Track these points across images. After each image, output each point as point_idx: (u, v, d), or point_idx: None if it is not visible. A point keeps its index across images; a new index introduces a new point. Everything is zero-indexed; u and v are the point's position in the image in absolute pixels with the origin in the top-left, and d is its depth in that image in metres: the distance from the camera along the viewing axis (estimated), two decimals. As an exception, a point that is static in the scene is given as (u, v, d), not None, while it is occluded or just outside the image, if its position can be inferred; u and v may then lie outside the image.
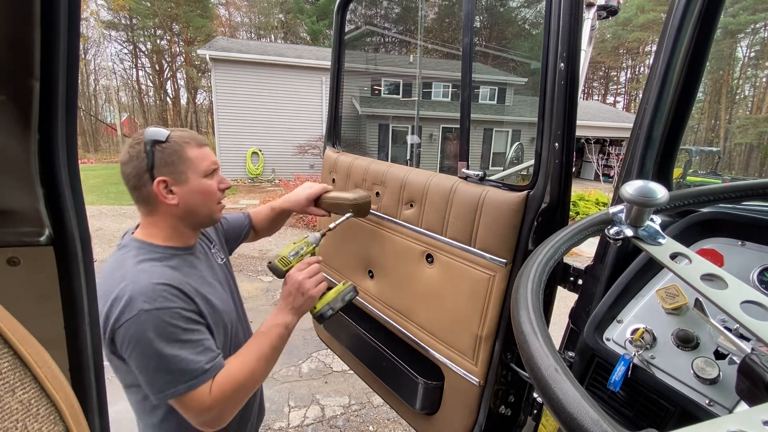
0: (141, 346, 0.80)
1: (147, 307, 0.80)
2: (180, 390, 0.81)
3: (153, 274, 0.85)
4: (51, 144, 0.59)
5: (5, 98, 0.53)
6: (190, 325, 0.86)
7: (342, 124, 1.72)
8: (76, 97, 0.60)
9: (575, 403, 0.32)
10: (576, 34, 0.83)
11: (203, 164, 0.93)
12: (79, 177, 0.65)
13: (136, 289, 0.81)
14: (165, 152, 0.88)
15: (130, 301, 0.80)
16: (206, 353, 0.86)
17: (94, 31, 25.76)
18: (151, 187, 0.88)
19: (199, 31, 25.99)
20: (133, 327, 0.79)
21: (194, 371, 0.82)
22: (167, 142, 0.88)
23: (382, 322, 1.41)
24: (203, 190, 0.93)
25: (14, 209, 0.60)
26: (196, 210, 0.94)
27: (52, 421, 0.31)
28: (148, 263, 0.88)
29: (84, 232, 0.67)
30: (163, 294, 0.83)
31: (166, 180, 0.88)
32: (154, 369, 0.81)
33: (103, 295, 0.82)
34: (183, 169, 0.90)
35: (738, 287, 0.47)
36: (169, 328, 0.81)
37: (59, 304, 0.66)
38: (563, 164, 0.90)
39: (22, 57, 0.52)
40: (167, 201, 0.90)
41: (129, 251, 0.90)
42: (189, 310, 0.86)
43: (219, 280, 1.04)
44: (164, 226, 0.94)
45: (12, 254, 0.61)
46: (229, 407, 0.87)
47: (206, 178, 0.94)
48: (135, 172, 0.88)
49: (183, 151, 0.90)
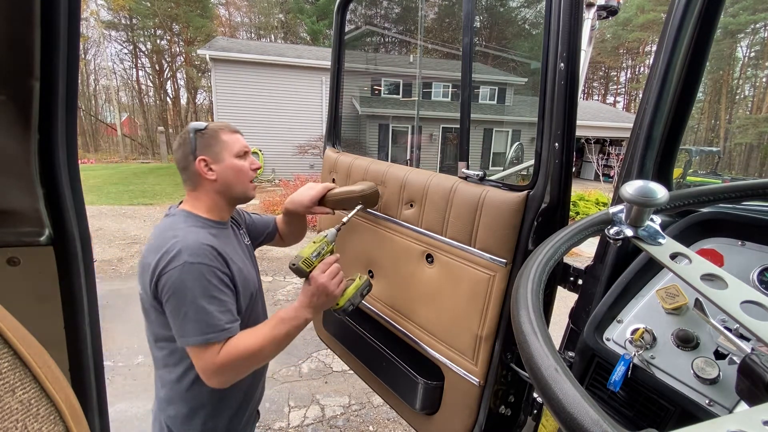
0: (179, 292, 0.93)
1: (191, 260, 0.94)
2: (198, 340, 0.93)
3: (199, 235, 0.99)
4: (51, 144, 0.59)
5: (5, 98, 0.53)
6: (222, 286, 0.99)
7: (342, 124, 1.72)
8: (76, 97, 0.60)
9: (575, 403, 0.32)
10: (576, 34, 0.83)
11: (236, 146, 1.10)
12: (79, 177, 0.65)
13: (185, 245, 0.95)
14: (204, 137, 1.07)
15: (179, 253, 0.94)
16: (228, 315, 0.98)
17: (94, 31, 25.78)
18: (195, 166, 1.06)
19: (199, 31, 25.98)
20: (176, 274, 0.93)
21: (215, 326, 0.94)
22: (206, 129, 1.08)
23: (382, 321, 1.41)
24: (237, 167, 1.10)
25: (14, 209, 0.60)
26: (231, 185, 1.10)
27: (52, 421, 0.31)
28: (195, 227, 1.03)
29: (84, 232, 0.67)
30: (206, 253, 0.96)
31: (205, 159, 1.06)
32: (184, 314, 0.93)
33: (155, 248, 0.97)
34: (219, 150, 1.07)
35: (738, 287, 0.47)
36: (205, 282, 0.95)
37: (59, 304, 0.66)
38: (563, 164, 0.90)
39: (22, 57, 0.52)
40: (208, 176, 1.07)
41: (178, 218, 1.06)
42: (223, 273, 1.00)
43: (246, 256, 1.19)
44: (206, 199, 1.10)
45: (12, 254, 0.61)
46: (231, 372, 0.98)
47: (239, 159, 1.10)
48: (183, 155, 1.08)
49: (218, 136, 1.08)
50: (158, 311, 0.99)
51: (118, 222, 7.83)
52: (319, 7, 27.76)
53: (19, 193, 0.59)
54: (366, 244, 1.43)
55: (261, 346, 0.98)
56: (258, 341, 0.98)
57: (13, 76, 0.53)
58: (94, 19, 24.25)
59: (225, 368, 0.95)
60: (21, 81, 0.53)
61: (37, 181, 0.60)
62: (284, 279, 5.25)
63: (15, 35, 0.51)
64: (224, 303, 0.98)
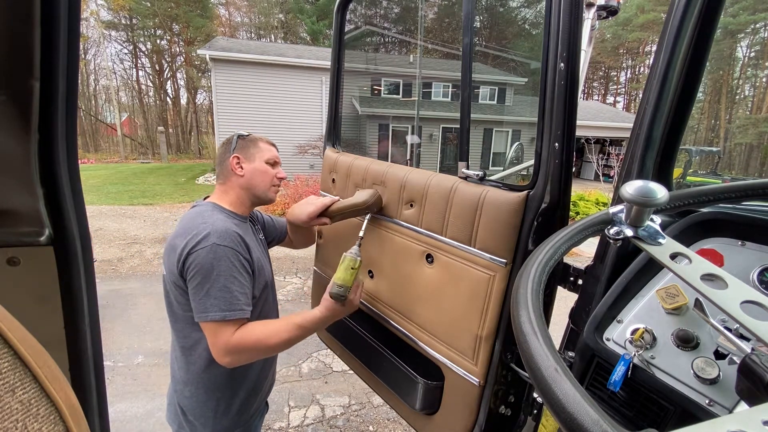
0: (205, 270, 1.02)
1: (219, 242, 1.04)
2: (217, 316, 1.01)
3: (227, 223, 1.10)
4: (51, 144, 0.59)
5: (5, 98, 0.53)
6: (243, 271, 1.09)
7: (342, 124, 1.72)
8: (76, 97, 0.60)
9: (575, 403, 0.32)
10: (576, 34, 0.83)
11: (268, 154, 1.26)
12: (79, 177, 0.65)
13: (215, 229, 1.06)
14: (245, 141, 1.24)
15: (208, 235, 1.04)
16: (245, 297, 1.08)
17: (94, 31, 25.77)
18: (229, 160, 1.21)
19: (199, 31, 25.98)
20: (204, 254, 1.02)
21: (234, 305, 1.03)
22: (248, 136, 1.26)
23: (382, 322, 1.41)
24: (264, 170, 1.24)
25: (14, 209, 0.60)
26: (255, 184, 1.23)
27: (52, 421, 0.31)
28: (222, 216, 1.14)
29: (84, 232, 0.67)
30: (233, 238, 1.07)
31: (239, 156, 1.22)
32: (207, 291, 1.02)
33: (185, 231, 1.06)
34: (253, 153, 1.23)
35: (738, 287, 0.47)
36: (230, 264, 1.04)
37: (59, 305, 0.66)
38: (563, 164, 0.90)
39: (22, 57, 0.52)
40: (237, 172, 1.21)
41: (206, 207, 1.16)
42: (245, 259, 1.11)
43: (261, 250, 1.30)
44: (232, 193, 1.23)
45: (12, 254, 0.61)
46: (240, 356, 1.06)
47: (268, 165, 1.25)
48: (223, 151, 1.24)
49: (256, 142, 1.25)
50: (181, 290, 1.08)
51: (118, 222, 7.83)
52: (319, 7, 27.75)
53: (19, 193, 0.59)
54: (366, 243, 1.43)
55: (274, 342, 1.07)
56: (272, 337, 1.07)
57: (13, 76, 0.52)
58: (94, 19, 24.26)
59: (236, 350, 1.03)
60: (21, 81, 0.53)
61: (37, 181, 0.59)
62: (284, 279, 5.25)
63: (15, 35, 0.50)
64: (244, 286, 1.08)
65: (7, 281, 0.62)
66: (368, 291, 1.45)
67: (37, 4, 0.50)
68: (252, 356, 1.10)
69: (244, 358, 1.07)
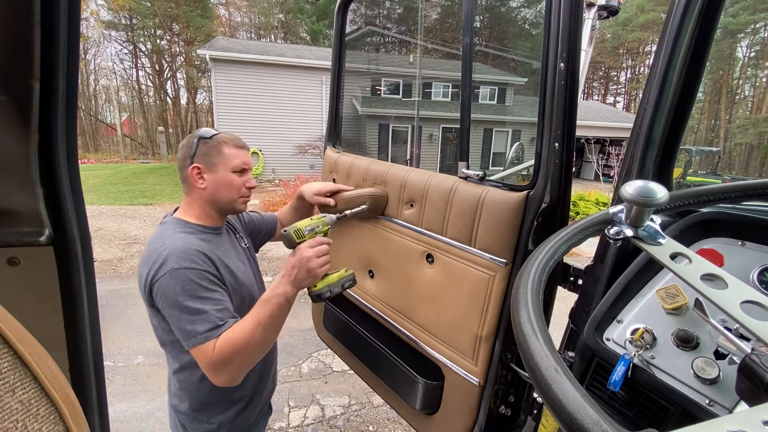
0: (170, 299, 0.95)
1: (177, 266, 0.96)
2: (199, 339, 0.94)
3: (186, 241, 1.02)
4: (51, 144, 0.59)
5: (5, 98, 0.53)
6: (213, 285, 1.00)
7: (342, 124, 1.72)
8: (76, 97, 0.60)
9: (575, 403, 0.32)
10: (576, 34, 0.83)
11: (235, 162, 1.10)
12: (79, 177, 0.65)
13: (172, 251, 0.97)
14: (207, 146, 1.08)
15: (165, 260, 0.96)
16: (224, 311, 0.99)
17: (94, 31, 25.78)
18: (188, 171, 1.08)
19: (199, 31, 25.98)
20: (164, 282, 0.95)
21: (209, 325, 0.95)
22: (211, 139, 1.08)
23: (382, 321, 1.41)
24: (228, 182, 1.10)
25: (14, 209, 0.60)
26: (219, 197, 1.11)
27: (52, 421, 0.31)
28: (183, 233, 1.05)
29: (84, 232, 0.67)
30: (192, 257, 0.98)
31: (199, 167, 1.07)
32: (178, 319, 0.95)
33: (146, 259, 0.99)
34: (215, 162, 1.08)
35: (738, 287, 0.47)
36: (194, 286, 0.96)
37: (59, 304, 0.66)
38: (563, 164, 0.90)
39: (22, 57, 0.52)
40: (197, 184, 1.08)
41: (168, 226, 1.08)
42: (212, 274, 1.01)
43: (242, 260, 1.20)
44: (196, 206, 1.12)
45: (12, 254, 0.61)
46: (229, 367, 0.96)
47: (234, 174, 1.11)
48: (182, 157, 1.09)
49: (221, 147, 1.09)
50: (158, 317, 1.03)
51: (118, 222, 7.83)
52: (319, 7, 27.75)
53: (19, 193, 0.59)
54: (366, 244, 1.43)
55: (248, 333, 0.96)
56: (244, 328, 0.96)
57: (13, 76, 0.52)
58: (94, 19, 24.26)
59: (221, 363, 0.94)
60: (21, 81, 0.53)
61: (37, 181, 0.60)
62: (284, 279, 5.24)
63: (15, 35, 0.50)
64: (219, 301, 0.99)
65: (7, 281, 0.62)
66: (368, 291, 1.45)
67: (37, 4, 0.50)
68: (240, 362, 0.97)
69: (234, 368, 0.97)
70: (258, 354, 1.01)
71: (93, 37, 26.44)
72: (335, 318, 1.60)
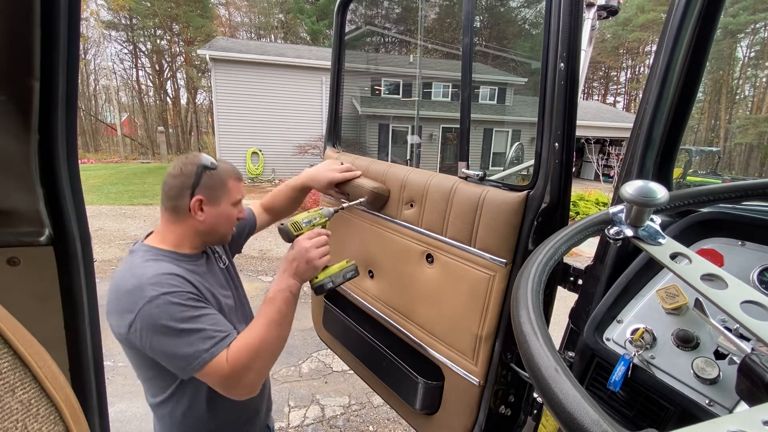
0: (158, 331, 0.86)
1: (153, 293, 0.87)
2: (205, 358, 0.87)
3: (158, 267, 0.93)
4: (51, 144, 0.59)
5: (5, 98, 0.53)
6: (200, 303, 0.93)
7: (342, 124, 1.72)
8: (76, 97, 0.60)
9: (575, 403, 0.32)
10: (576, 34, 0.83)
11: (236, 195, 1.07)
12: (79, 177, 0.65)
13: (143, 281, 0.88)
14: (212, 178, 1.01)
15: (141, 291, 0.87)
16: (222, 324, 0.93)
17: (94, 31, 25.77)
18: (188, 202, 0.99)
19: (199, 31, 25.97)
20: (147, 314, 0.86)
21: (213, 339, 0.89)
22: (216, 171, 1.03)
23: (382, 322, 1.41)
24: (227, 215, 1.06)
25: (14, 209, 0.60)
26: (215, 230, 1.06)
27: (52, 421, 0.31)
28: (153, 261, 0.96)
29: (84, 232, 0.67)
30: (169, 281, 0.90)
31: (202, 199, 1.00)
32: (172, 346, 0.87)
33: (116, 310, 0.90)
34: (220, 195, 1.03)
35: (738, 287, 0.47)
36: (180, 308, 0.88)
37: (59, 304, 0.66)
38: (563, 164, 0.90)
39: (22, 57, 0.52)
40: (197, 217, 1.01)
41: (137, 255, 0.98)
42: (196, 295, 0.94)
43: (220, 283, 1.11)
44: (180, 234, 1.03)
45: (12, 254, 0.61)
46: (248, 375, 0.91)
47: (233, 206, 1.07)
48: (180, 186, 1.00)
49: (225, 182, 1.04)
50: (138, 356, 0.95)
51: (118, 222, 7.83)
52: (319, 7, 27.75)
53: (19, 193, 0.59)
54: (366, 244, 1.43)
55: (260, 334, 0.93)
56: (255, 331, 0.94)
57: (13, 76, 0.52)
58: (94, 19, 24.26)
59: (239, 373, 0.89)
60: (21, 81, 0.53)
61: (37, 181, 0.60)
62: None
63: (15, 35, 0.50)
64: (213, 316, 0.93)
65: (7, 281, 0.62)
66: (368, 291, 1.45)
67: (37, 4, 0.50)
68: (260, 367, 0.93)
69: (254, 376, 0.92)
70: (274, 353, 0.97)
71: (93, 37, 26.44)
72: (335, 318, 1.60)
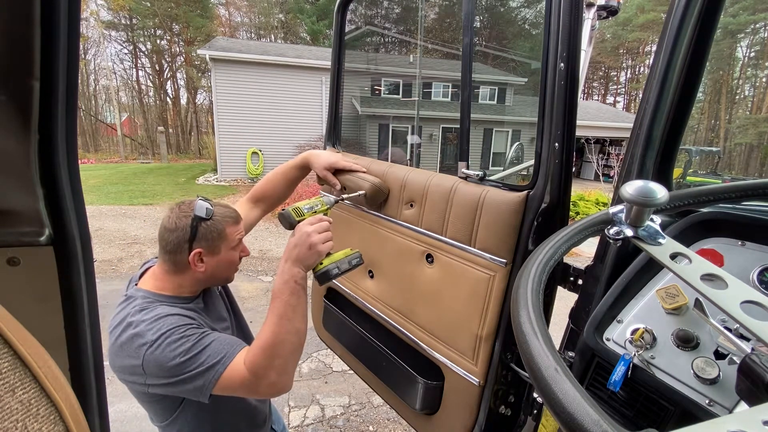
0: (163, 367, 0.85)
1: (153, 338, 0.86)
2: (220, 367, 0.86)
3: (155, 312, 0.92)
4: (51, 144, 0.59)
5: (5, 98, 0.53)
6: (199, 328, 0.92)
7: (342, 124, 1.72)
8: (76, 97, 0.60)
9: (575, 403, 0.32)
10: (576, 34, 0.83)
11: (235, 238, 1.04)
12: (79, 177, 0.65)
13: (141, 329, 0.88)
14: (208, 229, 0.98)
15: (140, 337, 0.86)
16: (228, 338, 0.93)
17: (94, 31, 25.77)
18: (187, 257, 0.97)
19: (199, 31, 25.98)
20: (153, 359, 0.85)
21: (222, 349, 0.88)
22: (211, 220, 0.99)
23: (382, 322, 1.41)
24: (229, 260, 1.04)
25: (14, 209, 0.60)
26: (218, 276, 1.05)
27: (52, 421, 0.31)
28: (148, 308, 0.94)
29: (84, 232, 0.67)
30: (168, 321, 0.89)
31: (201, 252, 0.98)
32: (184, 372, 0.85)
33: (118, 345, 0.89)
34: (218, 244, 1.00)
35: (738, 287, 0.47)
36: (183, 340, 0.87)
37: (59, 304, 0.66)
38: (563, 164, 0.90)
39: (22, 57, 0.52)
40: (197, 269, 0.99)
41: (134, 302, 0.96)
42: (194, 326, 0.92)
43: (218, 315, 1.11)
44: (179, 283, 1.01)
45: (12, 254, 0.61)
46: (269, 372, 0.88)
47: (233, 250, 1.04)
48: (177, 241, 0.97)
49: (223, 231, 1.01)
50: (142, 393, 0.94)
51: (118, 222, 7.83)
52: (319, 7, 27.76)
53: (19, 193, 0.59)
54: (366, 244, 1.43)
55: (273, 329, 0.90)
56: (267, 327, 0.91)
57: (13, 76, 0.52)
58: (94, 19, 24.26)
59: (259, 372, 0.87)
60: (21, 81, 0.53)
61: (37, 181, 0.59)
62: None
63: (15, 35, 0.50)
64: (214, 334, 0.92)
65: (7, 281, 0.62)
66: (368, 291, 1.45)
67: (37, 4, 0.50)
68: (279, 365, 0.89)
69: (274, 374, 0.88)
70: (294, 349, 0.92)
71: (93, 37, 26.43)
72: (335, 318, 1.60)
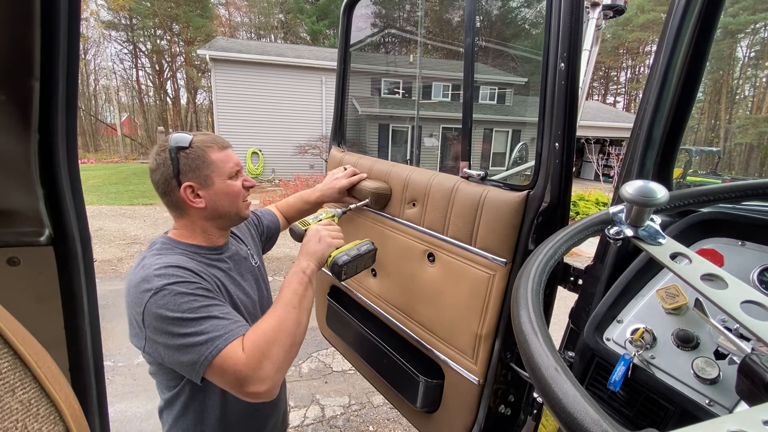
0: (161, 323, 0.79)
1: (158, 285, 0.80)
2: (218, 345, 0.78)
3: (168, 259, 0.87)
4: (51, 144, 0.59)
5: (5, 98, 0.53)
6: (210, 293, 0.86)
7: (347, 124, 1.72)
8: (76, 97, 0.60)
9: (575, 402, 0.32)
10: (577, 34, 0.83)
11: (227, 166, 0.95)
12: (79, 177, 0.65)
13: (150, 272, 0.83)
14: (189, 158, 0.90)
15: (147, 282, 0.81)
16: (232, 313, 0.86)
17: (94, 31, 25.76)
18: (179, 193, 0.91)
19: (199, 31, 25.98)
20: (154, 307, 0.79)
21: (225, 326, 0.81)
22: (190, 147, 0.91)
23: (383, 320, 1.41)
24: (229, 191, 0.96)
25: (14, 209, 0.60)
26: (223, 211, 0.97)
27: (52, 421, 0.31)
28: (165, 253, 0.90)
29: (84, 232, 0.67)
30: (175, 273, 0.83)
31: (192, 185, 0.91)
32: (180, 339, 0.79)
33: (127, 289, 0.85)
34: (208, 173, 0.92)
35: (738, 287, 0.47)
36: (187, 297, 0.81)
37: (59, 304, 0.66)
38: (563, 164, 0.90)
39: (22, 57, 0.52)
40: (195, 205, 0.92)
41: (153, 246, 0.93)
42: (206, 288, 0.86)
43: (247, 289, 1.04)
44: (194, 227, 0.96)
45: (12, 254, 0.62)
46: (265, 362, 0.80)
47: (231, 180, 0.96)
48: (163, 179, 0.91)
49: (206, 156, 0.92)
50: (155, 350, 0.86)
51: (118, 222, 7.83)
52: (319, 7, 27.76)
53: (19, 193, 0.59)
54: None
55: (277, 314, 0.86)
56: (272, 312, 0.87)
57: (13, 76, 0.52)
58: (94, 19, 24.25)
59: (256, 358, 0.79)
60: (21, 81, 0.53)
61: (37, 181, 0.60)
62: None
63: (15, 35, 0.50)
64: (224, 306, 0.86)
65: (7, 281, 0.62)
66: (371, 289, 1.45)
67: (37, 4, 0.50)
68: (275, 357, 0.81)
69: (269, 365, 0.80)
70: (292, 341, 0.86)
71: (93, 37, 26.43)
72: (338, 316, 1.61)
